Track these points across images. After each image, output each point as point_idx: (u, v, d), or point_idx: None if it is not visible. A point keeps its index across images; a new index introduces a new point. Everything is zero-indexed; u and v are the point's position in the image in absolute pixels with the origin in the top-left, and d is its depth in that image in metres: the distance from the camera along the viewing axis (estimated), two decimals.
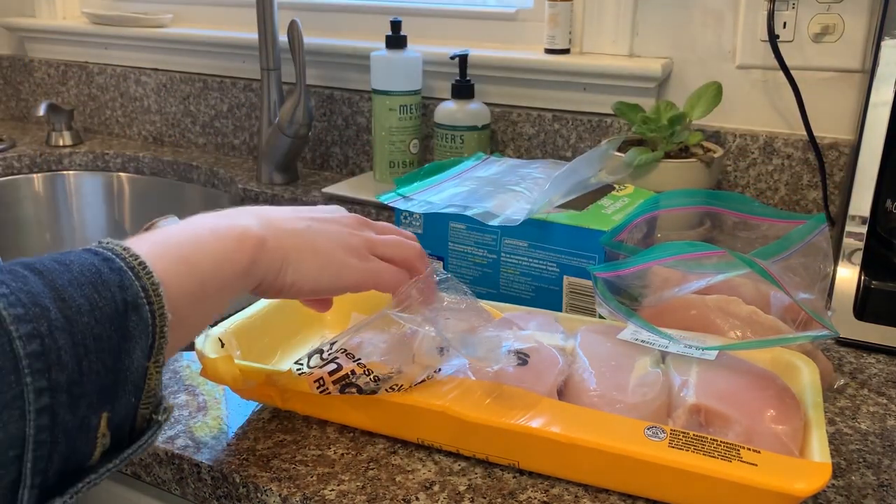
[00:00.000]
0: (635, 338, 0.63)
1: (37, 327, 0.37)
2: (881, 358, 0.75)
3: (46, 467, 0.38)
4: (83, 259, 0.41)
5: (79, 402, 0.38)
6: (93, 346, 0.39)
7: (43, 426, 0.37)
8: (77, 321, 0.38)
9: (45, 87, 1.64)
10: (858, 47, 0.99)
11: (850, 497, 0.56)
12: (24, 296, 0.37)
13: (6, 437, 0.36)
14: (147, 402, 0.43)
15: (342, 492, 0.56)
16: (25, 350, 0.36)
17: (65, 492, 0.40)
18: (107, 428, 0.41)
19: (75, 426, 0.39)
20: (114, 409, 0.41)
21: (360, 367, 0.58)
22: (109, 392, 0.40)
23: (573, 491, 0.56)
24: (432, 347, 0.59)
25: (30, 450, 0.37)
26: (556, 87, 1.16)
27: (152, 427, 0.44)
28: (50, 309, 0.38)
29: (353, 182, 1.24)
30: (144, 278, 0.42)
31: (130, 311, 0.40)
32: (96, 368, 0.39)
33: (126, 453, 0.43)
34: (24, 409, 0.36)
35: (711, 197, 0.77)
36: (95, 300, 0.39)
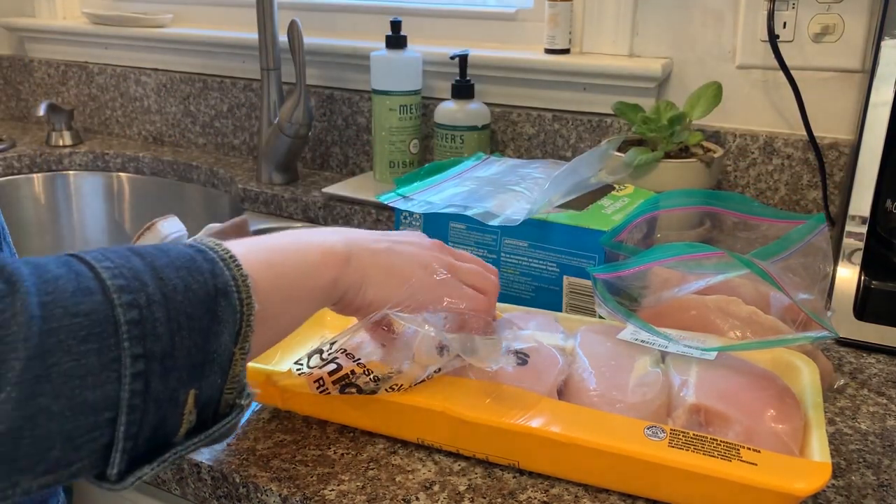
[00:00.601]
0: (635, 338, 0.63)
1: (136, 298, 0.40)
2: (881, 358, 0.75)
3: (137, 433, 0.41)
4: (180, 249, 0.45)
5: (170, 375, 0.41)
6: (185, 323, 0.42)
7: (136, 391, 0.40)
8: (172, 298, 0.41)
9: (45, 87, 1.64)
10: (858, 47, 0.99)
11: (850, 497, 0.57)
12: (127, 270, 0.41)
13: (103, 398, 0.39)
14: (231, 387, 0.45)
15: (342, 492, 0.56)
16: (125, 317, 0.39)
17: (153, 460, 0.43)
18: (193, 405, 0.43)
19: (165, 398, 0.41)
20: (201, 387, 0.43)
21: (360, 367, 0.58)
22: (198, 370, 0.43)
23: (573, 491, 0.56)
24: (432, 347, 0.59)
25: (123, 413, 0.39)
26: (556, 87, 1.16)
27: (235, 410, 0.46)
28: (149, 284, 0.41)
29: (353, 182, 1.24)
30: (234, 269, 0.45)
31: (220, 297, 0.44)
32: (187, 345, 0.42)
33: (211, 430, 0.45)
34: (121, 373, 0.39)
35: (711, 197, 0.77)
36: (189, 283, 0.43)
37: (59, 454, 0.38)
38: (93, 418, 0.39)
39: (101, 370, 0.38)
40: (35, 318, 0.37)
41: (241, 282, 0.45)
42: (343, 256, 0.54)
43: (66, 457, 0.39)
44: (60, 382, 0.37)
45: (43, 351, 0.37)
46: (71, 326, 0.38)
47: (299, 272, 0.51)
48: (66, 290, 0.39)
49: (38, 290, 0.38)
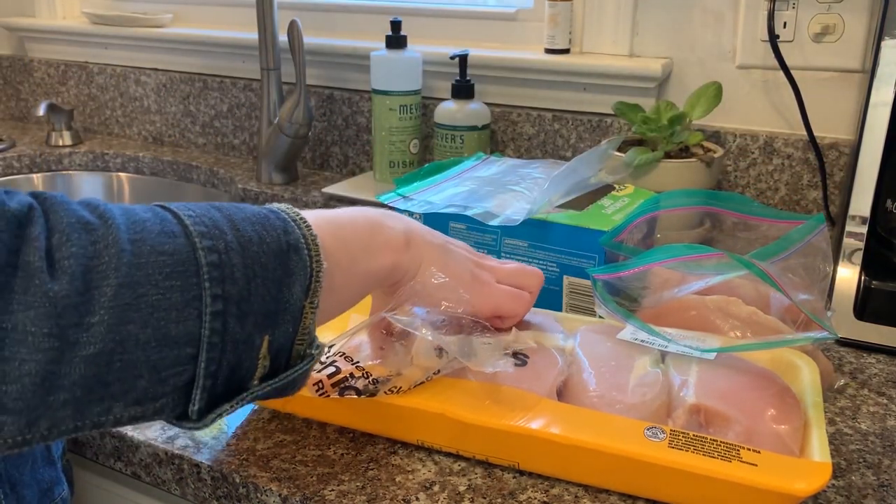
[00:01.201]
0: (635, 338, 0.63)
1: (216, 244, 0.43)
2: (881, 358, 0.75)
3: (217, 372, 0.43)
4: (256, 209, 0.48)
5: (246, 318, 0.44)
6: (260, 272, 0.44)
7: (216, 329, 0.42)
8: (248, 248, 0.44)
9: (45, 87, 1.64)
10: (858, 47, 0.99)
11: (850, 497, 0.56)
12: (207, 219, 0.44)
13: (185, 333, 0.41)
14: (302, 339, 0.48)
15: (342, 492, 0.56)
16: (206, 259, 0.42)
17: (232, 398, 0.45)
18: (267, 351, 0.45)
19: (242, 339, 0.44)
20: (274, 334, 0.45)
21: (359, 370, 0.58)
22: (271, 317, 0.45)
23: (573, 491, 0.56)
24: (430, 349, 0.59)
25: (203, 350, 0.42)
26: (556, 87, 1.16)
27: (306, 359, 0.48)
28: (227, 233, 0.44)
29: (353, 182, 1.24)
30: (304, 229, 0.48)
31: (291, 252, 0.46)
32: (262, 293, 0.44)
33: (284, 374, 0.47)
34: (202, 311, 0.42)
35: (711, 197, 0.77)
36: (263, 236, 0.45)
37: (146, 384, 0.41)
38: (176, 351, 0.41)
39: (183, 306, 0.41)
40: (125, 252, 0.40)
41: (310, 241, 0.47)
42: (403, 242, 0.56)
43: (153, 388, 0.42)
44: (148, 313, 0.40)
45: (132, 281, 0.39)
46: (157, 262, 0.41)
47: (362, 248, 0.54)
48: (152, 230, 0.42)
49: (127, 228, 0.41)
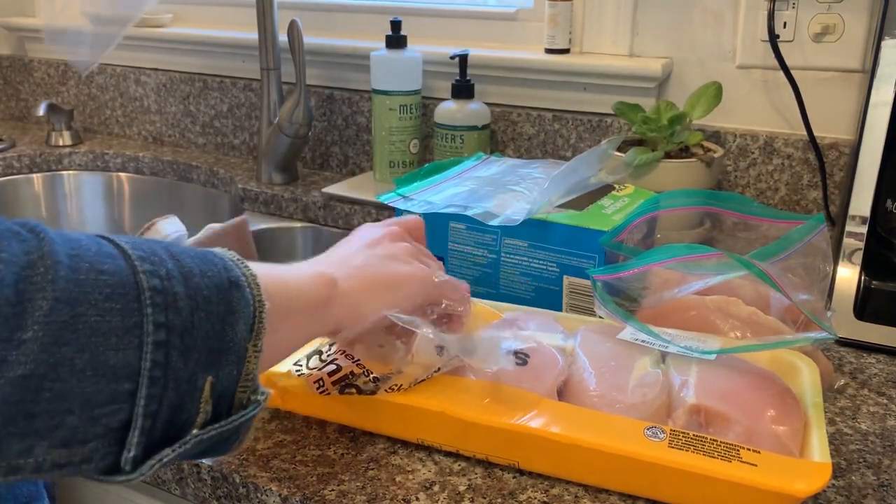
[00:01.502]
0: (635, 338, 0.63)
1: (157, 269, 0.40)
2: (881, 358, 0.75)
3: (157, 412, 0.40)
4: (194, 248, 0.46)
5: (190, 354, 0.41)
6: (203, 304, 0.42)
7: (158, 362, 0.39)
8: (190, 278, 0.42)
9: (45, 87, 1.64)
10: (858, 47, 0.99)
11: (850, 497, 0.56)
12: (146, 247, 0.42)
13: (124, 363, 0.38)
14: (245, 385, 0.44)
15: (342, 492, 0.56)
16: (148, 283, 0.39)
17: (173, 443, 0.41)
18: (210, 394, 0.42)
19: (185, 378, 0.41)
20: (218, 376, 0.43)
21: (360, 368, 0.58)
22: (215, 356, 0.42)
23: (573, 491, 0.56)
24: (431, 347, 0.59)
25: (144, 385, 0.39)
26: (556, 87, 1.16)
27: (251, 406, 0.45)
28: (167, 261, 0.41)
29: (353, 182, 1.24)
30: (244, 269, 0.46)
31: (233, 288, 0.44)
32: (205, 327, 0.41)
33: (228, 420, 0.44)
34: (143, 340, 0.39)
35: (711, 197, 0.77)
36: (204, 269, 0.43)
37: (76, 422, 0.37)
38: (113, 385, 0.38)
39: (123, 332, 0.38)
40: (62, 264, 0.37)
41: (251, 279, 0.45)
42: (329, 277, 0.54)
43: (84, 428, 0.38)
44: (85, 336, 0.37)
45: (70, 297, 0.37)
46: (96, 281, 0.38)
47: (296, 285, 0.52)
48: (89, 249, 0.39)
49: (63, 243, 0.38)
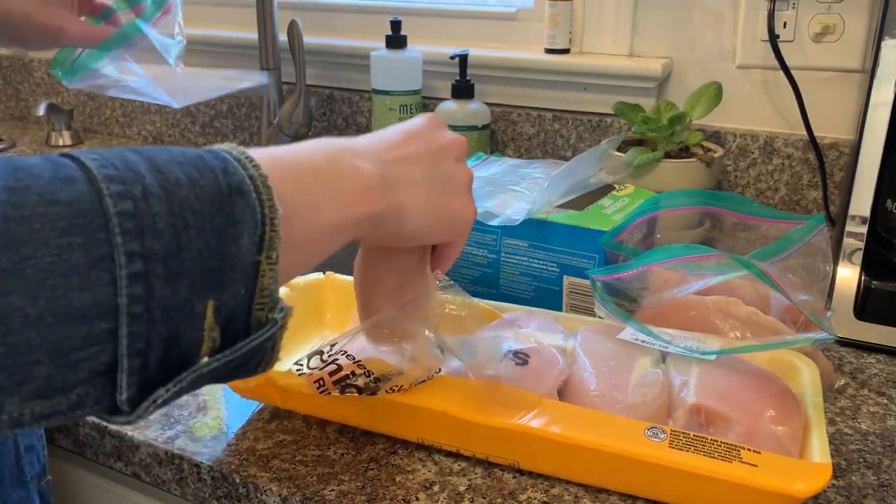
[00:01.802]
0: (635, 338, 0.63)
1: (129, 189, 0.34)
2: (881, 358, 0.75)
3: (146, 350, 0.34)
4: (186, 148, 0.39)
5: (178, 280, 0.35)
6: (192, 221, 0.35)
7: (136, 296, 0.34)
8: (174, 192, 0.35)
9: (45, 87, 1.64)
10: (859, 47, 0.99)
11: (850, 497, 0.57)
12: (118, 161, 0.35)
13: (94, 303, 0.33)
14: (262, 302, 0.39)
15: (342, 492, 0.56)
16: (115, 208, 0.33)
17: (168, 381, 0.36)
18: (214, 320, 0.37)
19: (176, 307, 0.35)
20: (221, 299, 0.37)
21: (360, 368, 0.58)
22: (215, 278, 0.36)
23: (573, 491, 0.56)
24: (432, 348, 0.59)
25: (124, 324, 0.33)
26: (556, 87, 1.16)
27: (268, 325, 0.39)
28: (145, 176, 0.35)
29: None
30: (251, 168, 0.38)
31: (235, 196, 0.37)
32: (197, 246, 0.35)
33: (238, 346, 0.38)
34: (114, 274, 0.33)
35: (711, 197, 0.77)
36: (196, 178, 0.36)
37: (48, 371, 0.32)
38: (85, 328, 0.33)
39: (88, 269, 0.32)
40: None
41: (259, 182, 0.38)
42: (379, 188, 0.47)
43: (62, 376, 0.33)
44: (36, 280, 0.31)
45: (11, 241, 0.31)
46: (47, 215, 0.32)
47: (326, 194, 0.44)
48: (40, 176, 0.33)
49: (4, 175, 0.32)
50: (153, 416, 0.65)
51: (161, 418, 0.65)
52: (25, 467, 0.62)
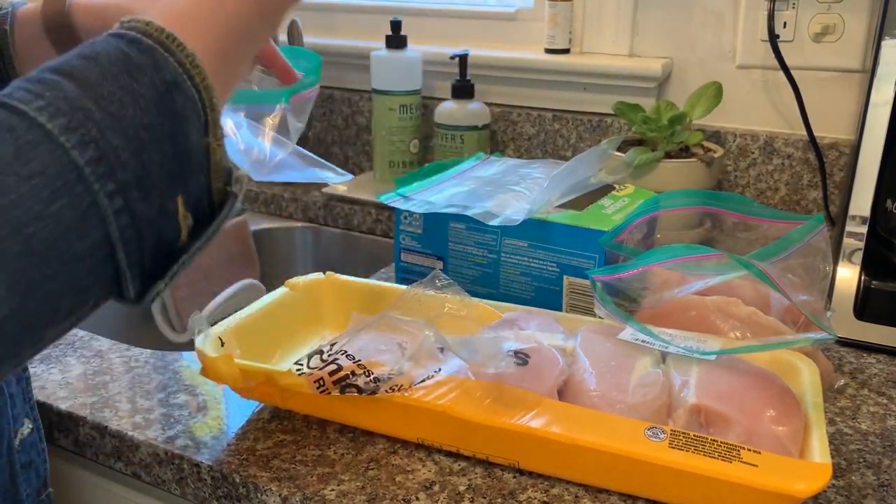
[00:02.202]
0: (635, 338, 0.63)
1: (86, 133, 0.36)
2: (881, 358, 0.75)
3: (141, 258, 0.39)
4: (109, 47, 0.39)
5: (150, 194, 0.38)
6: (146, 136, 0.38)
7: (125, 225, 0.37)
8: (123, 116, 0.37)
9: None
10: (858, 47, 0.99)
11: (850, 497, 0.57)
12: (63, 103, 0.36)
13: (92, 243, 0.36)
14: (217, 177, 0.42)
15: (342, 492, 0.56)
16: (84, 158, 0.35)
17: (164, 274, 0.41)
18: (185, 209, 0.41)
19: (155, 215, 0.39)
20: (186, 191, 0.40)
21: (360, 368, 0.58)
22: (177, 176, 0.39)
23: (573, 491, 0.56)
24: (433, 347, 0.59)
25: (120, 248, 0.38)
26: (556, 87, 1.16)
27: (230, 199, 0.43)
28: (92, 111, 0.36)
29: (354, 182, 1.24)
30: (178, 52, 0.39)
31: (173, 91, 0.39)
32: (157, 158, 0.38)
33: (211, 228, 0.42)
34: (102, 215, 0.36)
35: (711, 197, 0.77)
36: (134, 89, 0.38)
37: (71, 300, 0.37)
38: (90, 262, 0.37)
39: (80, 220, 0.36)
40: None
41: (189, 65, 0.39)
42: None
43: (80, 298, 0.38)
44: (44, 248, 0.35)
45: (13, 228, 0.34)
46: (31, 191, 0.34)
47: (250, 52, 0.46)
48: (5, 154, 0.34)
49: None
50: (153, 415, 0.65)
51: (161, 418, 0.65)
52: (21, 485, 0.61)
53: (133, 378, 0.71)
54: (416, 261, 0.84)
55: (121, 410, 0.66)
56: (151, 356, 0.75)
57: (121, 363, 0.74)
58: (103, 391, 0.69)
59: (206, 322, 0.64)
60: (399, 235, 0.84)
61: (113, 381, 0.70)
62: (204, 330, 0.63)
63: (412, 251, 0.84)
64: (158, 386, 0.70)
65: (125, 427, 0.64)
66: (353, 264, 1.17)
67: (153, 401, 0.68)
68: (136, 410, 0.66)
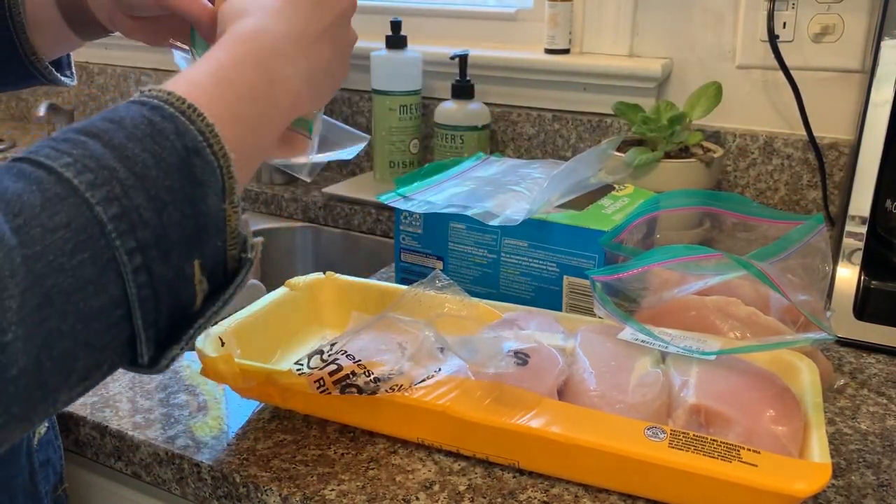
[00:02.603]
0: (635, 338, 0.63)
1: (111, 190, 0.37)
2: (881, 358, 0.75)
3: (156, 320, 0.39)
4: (132, 112, 0.40)
5: (169, 255, 0.39)
6: (167, 198, 0.39)
7: (143, 283, 0.38)
8: (147, 176, 0.38)
9: (45, 88, 1.64)
10: (858, 47, 0.99)
11: (849, 497, 0.57)
12: (90, 161, 0.37)
13: (110, 301, 0.37)
14: (233, 244, 0.43)
15: (342, 492, 0.56)
16: (107, 214, 0.36)
17: (180, 339, 0.41)
18: (202, 274, 0.41)
19: (172, 277, 0.40)
20: (203, 255, 0.41)
21: (361, 368, 0.58)
22: (195, 240, 0.40)
23: (573, 491, 0.56)
24: (433, 347, 0.59)
25: (136, 307, 0.38)
26: (556, 87, 1.16)
27: (245, 265, 0.44)
28: (118, 170, 0.38)
29: (354, 182, 1.24)
30: (198, 121, 0.41)
31: (193, 157, 0.40)
32: (176, 219, 0.39)
33: (226, 294, 0.43)
34: (121, 272, 0.37)
35: (711, 198, 0.78)
36: (157, 152, 0.39)
37: (85, 363, 0.38)
38: (106, 321, 0.37)
39: (99, 276, 0.36)
40: (14, 249, 0.34)
41: (209, 134, 0.41)
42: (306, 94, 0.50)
43: (94, 361, 0.38)
44: (62, 302, 0.35)
45: (35, 279, 0.35)
46: (55, 243, 0.35)
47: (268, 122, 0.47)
48: (34, 205, 0.35)
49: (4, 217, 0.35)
50: (153, 415, 0.65)
51: (161, 418, 0.65)
52: (40, 483, 0.62)
53: (133, 378, 0.71)
54: (416, 261, 0.84)
55: (121, 410, 0.66)
56: None
57: None
58: (103, 391, 0.69)
59: None
60: (399, 235, 0.84)
61: (113, 381, 0.70)
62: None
63: (412, 251, 0.84)
64: (159, 386, 0.70)
65: (125, 427, 0.64)
66: (353, 264, 1.17)
67: (153, 401, 0.68)
68: (137, 410, 0.66)
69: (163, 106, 0.41)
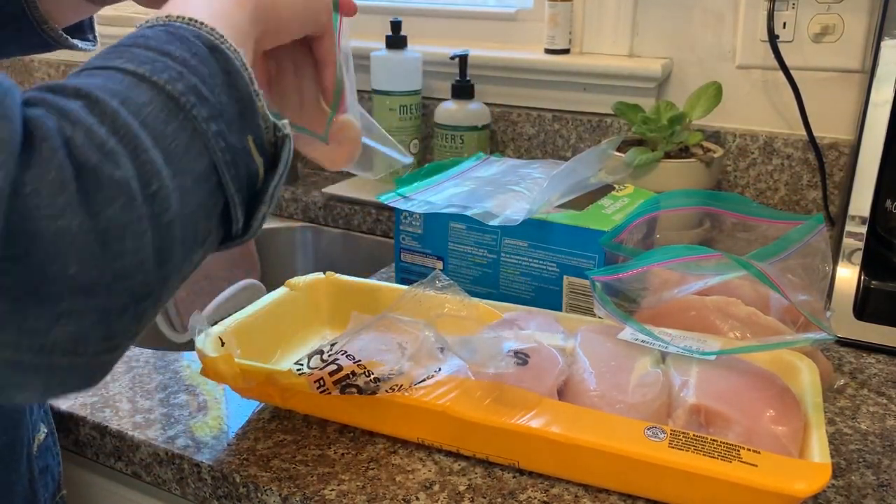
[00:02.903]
0: (635, 338, 0.63)
1: (171, 74, 0.40)
2: (881, 358, 0.75)
3: (240, 185, 0.43)
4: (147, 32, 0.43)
5: (231, 128, 0.42)
6: (211, 81, 0.42)
7: (222, 149, 0.41)
8: (189, 64, 0.41)
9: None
10: (858, 47, 0.99)
11: (849, 497, 0.57)
12: (142, 58, 0.40)
13: (206, 166, 0.41)
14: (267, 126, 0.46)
15: (342, 492, 0.56)
16: (177, 90, 0.40)
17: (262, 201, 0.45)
18: (256, 151, 0.45)
19: (239, 148, 0.43)
20: (253, 132, 0.44)
21: (361, 368, 0.58)
22: (243, 118, 0.44)
23: (573, 491, 0.56)
24: (433, 347, 0.59)
25: (224, 172, 0.42)
26: (556, 87, 1.16)
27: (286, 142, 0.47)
28: (167, 62, 0.41)
29: (354, 182, 1.24)
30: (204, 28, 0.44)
31: (216, 52, 0.43)
32: (224, 100, 0.42)
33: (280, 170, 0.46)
34: (205, 139, 0.41)
35: (710, 198, 0.78)
36: (189, 48, 0.42)
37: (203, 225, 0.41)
38: (207, 186, 0.41)
39: (192, 141, 0.40)
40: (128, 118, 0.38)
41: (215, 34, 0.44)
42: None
43: (206, 226, 0.42)
44: (178, 161, 0.39)
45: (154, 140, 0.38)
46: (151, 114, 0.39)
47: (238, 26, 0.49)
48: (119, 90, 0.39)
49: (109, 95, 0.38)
50: (153, 415, 0.65)
51: (161, 418, 0.65)
52: (39, 490, 0.62)
53: (133, 378, 0.71)
54: (416, 261, 0.84)
55: (121, 410, 0.66)
56: (152, 356, 0.75)
57: (121, 363, 0.74)
58: (103, 391, 0.69)
59: (206, 322, 0.64)
60: (399, 235, 0.84)
61: (113, 381, 0.71)
62: (204, 330, 0.63)
63: (412, 251, 0.84)
64: (159, 386, 0.70)
65: (125, 427, 0.64)
66: (353, 264, 1.17)
67: (153, 401, 0.68)
68: (137, 410, 0.66)
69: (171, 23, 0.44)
